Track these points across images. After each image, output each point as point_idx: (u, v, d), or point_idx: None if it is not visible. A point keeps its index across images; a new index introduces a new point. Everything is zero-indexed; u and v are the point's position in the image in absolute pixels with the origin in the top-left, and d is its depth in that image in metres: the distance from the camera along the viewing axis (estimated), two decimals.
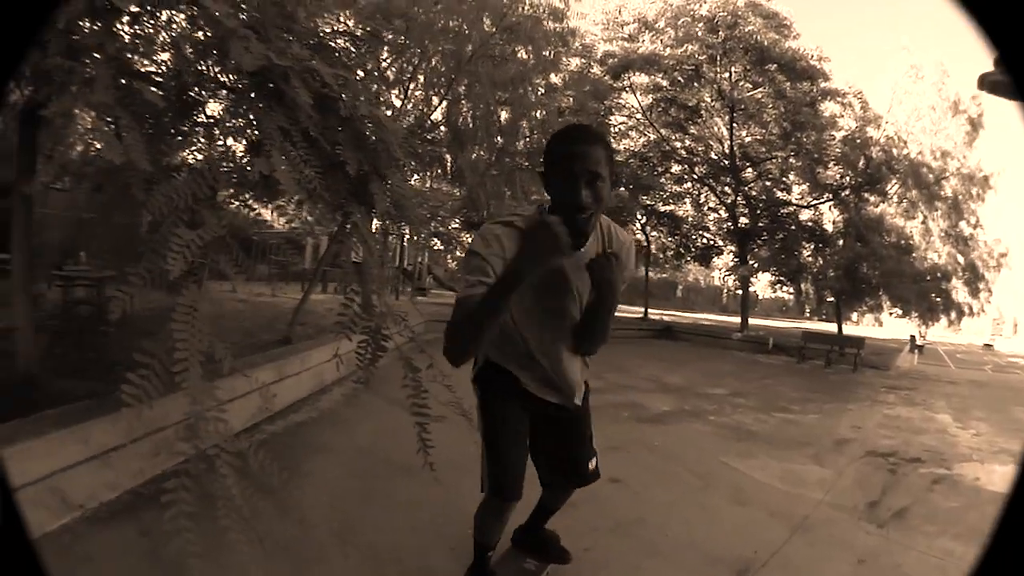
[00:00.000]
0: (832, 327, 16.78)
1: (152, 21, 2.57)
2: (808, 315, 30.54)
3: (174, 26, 2.62)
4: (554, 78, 12.70)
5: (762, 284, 20.43)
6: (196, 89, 2.61)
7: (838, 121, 15.49)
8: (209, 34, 2.35)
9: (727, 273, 20.50)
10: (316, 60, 2.51)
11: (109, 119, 2.20)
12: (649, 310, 18.32)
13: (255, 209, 3.53)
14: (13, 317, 3.16)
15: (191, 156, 2.92)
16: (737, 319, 18.02)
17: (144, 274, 2.06)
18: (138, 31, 2.49)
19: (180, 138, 2.78)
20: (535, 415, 1.82)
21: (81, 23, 2.13)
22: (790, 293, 18.36)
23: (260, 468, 2.09)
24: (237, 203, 3.32)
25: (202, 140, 2.82)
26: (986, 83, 0.60)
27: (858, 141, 14.67)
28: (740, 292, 19.72)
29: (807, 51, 15.22)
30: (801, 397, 7.62)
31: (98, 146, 2.29)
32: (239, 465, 1.98)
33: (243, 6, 2.51)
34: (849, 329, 17.50)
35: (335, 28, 3.62)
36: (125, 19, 2.32)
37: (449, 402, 2.27)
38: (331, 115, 2.70)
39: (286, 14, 2.56)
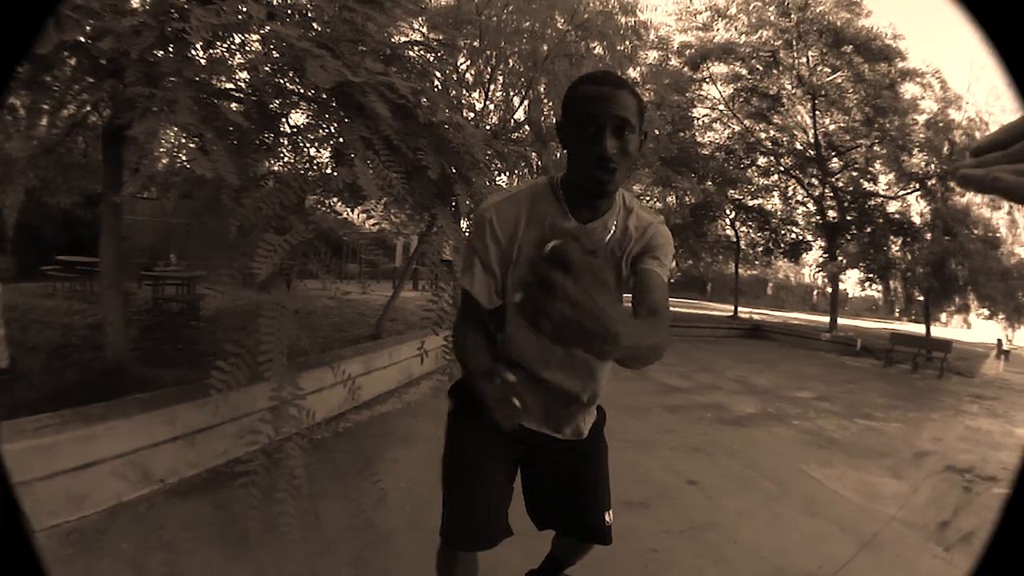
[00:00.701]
0: (921, 328, 15.65)
1: (226, 45, 2.71)
2: (897, 315, 28.48)
3: (247, 48, 2.76)
4: (632, 72, 12.43)
5: (852, 282, 19.26)
6: (277, 103, 2.75)
7: (919, 104, 14.42)
8: (284, 54, 2.48)
9: (816, 269, 19.39)
10: (391, 73, 2.59)
11: (195, 135, 2.35)
12: (739, 308, 17.80)
13: (341, 214, 3.66)
14: (104, 312, 3.48)
15: (277, 165, 3.08)
16: (826, 318, 17.17)
17: (235, 274, 2.25)
18: (213, 55, 2.64)
19: (265, 148, 2.95)
20: (526, 448, 1.41)
21: (156, 52, 2.29)
22: (879, 291, 17.22)
23: (338, 453, 2.23)
24: (324, 208, 3.46)
25: (287, 150, 2.98)
26: (958, 177, 0.45)
27: (940, 125, 13.59)
28: (829, 290, 18.68)
29: (880, 29, 14.22)
30: (886, 404, 7.23)
31: (183, 158, 2.44)
32: (308, 448, 2.12)
33: (314, 24, 2.62)
34: (938, 331, 16.28)
35: (410, 38, 3.72)
36: (199, 44, 2.44)
37: None
38: (411, 122, 2.80)
39: (358, 28, 2.66)
